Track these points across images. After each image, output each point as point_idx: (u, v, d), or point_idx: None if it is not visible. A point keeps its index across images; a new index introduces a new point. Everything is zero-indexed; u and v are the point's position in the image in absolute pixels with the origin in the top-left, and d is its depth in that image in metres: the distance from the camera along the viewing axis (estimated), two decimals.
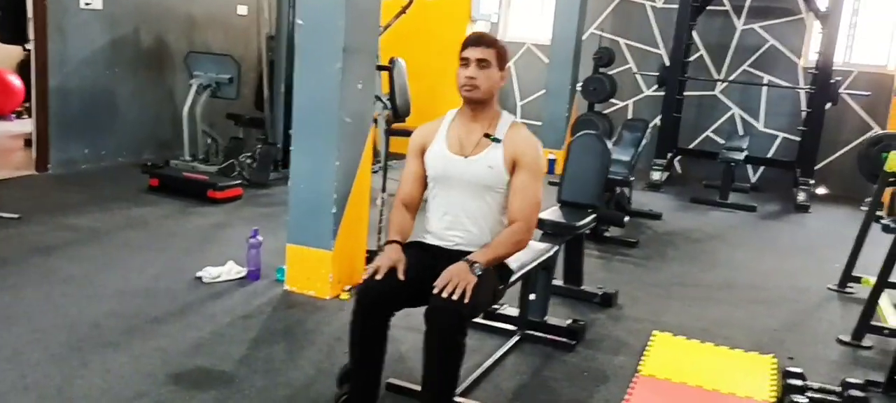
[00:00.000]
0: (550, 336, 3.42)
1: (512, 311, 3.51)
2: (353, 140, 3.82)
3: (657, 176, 7.76)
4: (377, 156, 5.63)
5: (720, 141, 8.34)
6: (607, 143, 4.27)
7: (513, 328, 3.46)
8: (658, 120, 8.21)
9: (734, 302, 4.30)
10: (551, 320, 3.51)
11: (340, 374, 2.74)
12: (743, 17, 8.42)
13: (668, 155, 8.13)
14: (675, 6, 8.01)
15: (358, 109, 3.82)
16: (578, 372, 3.17)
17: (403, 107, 5.77)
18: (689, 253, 5.37)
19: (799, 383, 3.02)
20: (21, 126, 7.97)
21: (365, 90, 3.87)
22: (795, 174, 7.76)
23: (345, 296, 3.79)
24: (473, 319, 2.84)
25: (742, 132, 8.41)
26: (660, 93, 8.27)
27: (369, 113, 4.00)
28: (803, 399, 2.87)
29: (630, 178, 5.70)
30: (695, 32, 8.26)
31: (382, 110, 5.16)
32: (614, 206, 5.65)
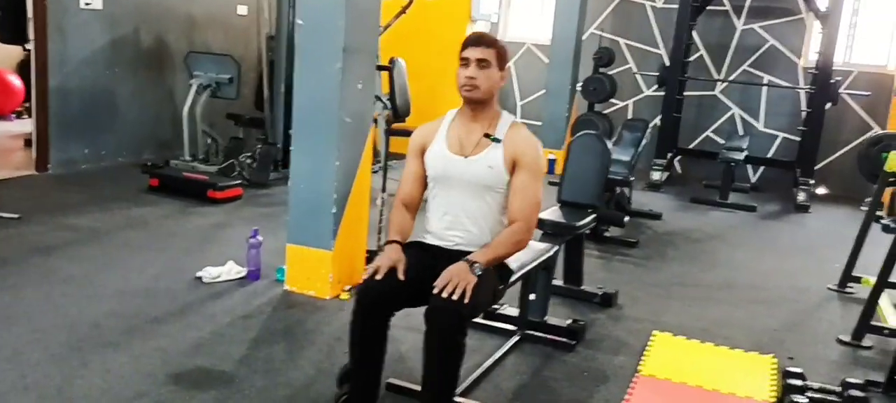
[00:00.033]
0: (550, 336, 3.42)
1: (512, 311, 3.50)
2: (353, 140, 3.82)
3: (657, 176, 7.76)
4: (377, 155, 5.63)
5: (720, 141, 8.34)
6: (607, 143, 4.26)
7: (513, 328, 3.45)
8: (658, 120, 8.21)
9: (734, 302, 4.30)
10: (551, 320, 3.51)
11: (340, 374, 2.74)
12: (743, 17, 8.42)
13: (668, 155, 8.13)
14: (675, 6, 8.01)
15: (358, 109, 3.82)
16: (578, 372, 3.17)
17: (403, 107, 5.77)
18: (689, 253, 5.37)
19: (799, 383, 3.02)
20: (21, 126, 7.97)
21: (365, 90, 3.87)
22: (795, 174, 7.76)
23: (345, 296, 3.79)
24: (473, 319, 2.84)
25: (742, 132, 8.41)
26: (660, 93, 8.27)
27: (369, 113, 4.00)
28: (803, 400, 2.87)
29: (630, 178, 5.70)
30: (695, 32, 8.26)
31: (382, 110, 5.16)
32: (614, 206, 5.65)
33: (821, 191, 8.01)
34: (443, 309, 2.27)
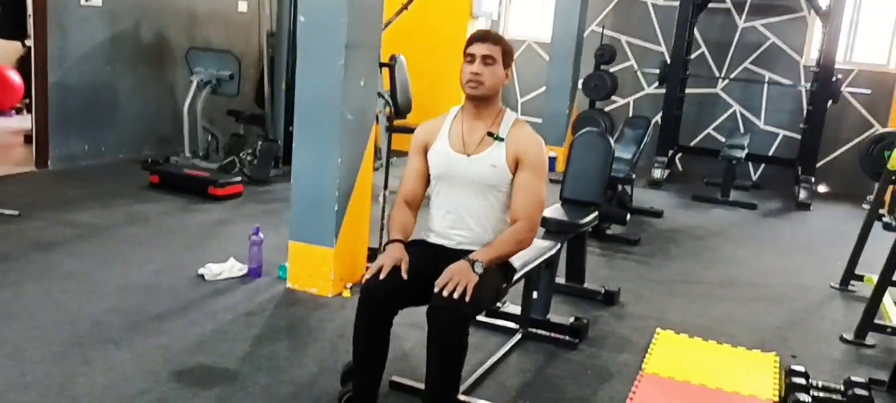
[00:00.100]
0: (553, 334, 3.41)
1: (515, 309, 3.49)
2: (355, 137, 3.81)
3: (658, 173, 7.75)
4: (378, 153, 5.61)
5: (721, 138, 8.33)
6: (610, 141, 4.25)
7: (515, 326, 3.45)
8: (659, 117, 8.19)
9: (737, 300, 4.30)
10: (554, 318, 3.50)
11: (343, 372, 2.73)
12: (744, 14, 8.40)
13: (670, 152, 8.12)
14: (676, 3, 7.99)
15: (360, 106, 3.81)
16: (582, 370, 3.17)
17: (405, 104, 5.76)
18: (691, 250, 5.36)
19: (802, 381, 3.02)
20: (20, 122, 7.95)
21: (367, 87, 3.86)
22: (796, 172, 7.75)
23: (347, 294, 3.78)
24: (476, 317, 2.83)
25: (743, 130, 8.40)
26: (661, 90, 8.26)
27: (371, 110, 3.99)
28: (807, 398, 2.86)
29: (632, 176, 5.70)
30: (696, 30, 8.24)
31: (383, 107, 5.15)
32: (616, 204, 5.64)
33: (822, 188, 8.00)
34: (444, 309, 2.26)
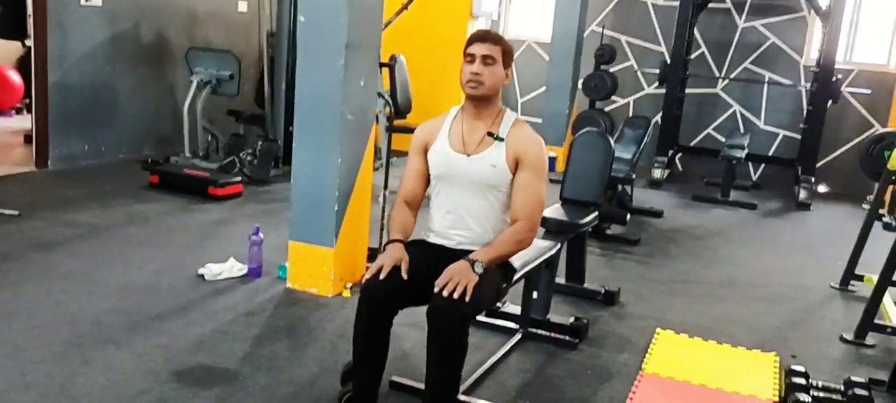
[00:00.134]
0: (553, 334, 3.41)
1: (514, 309, 3.49)
2: (355, 137, 3.81)
3: (658, 173, 7.75)
4: (377, 153, 5.61)
5: (721, 138, 8.33)
6: (610, 141, 4.25)
7: (515, 326, 3.45)
8: (659, 117, 8.19)
9: (737, 300, 4.30)
10: (554, 318, 3.50)
11: (343, 372, 2.73)
12: (744, 14, 8.40)
13: (669, 152, 8.12)
14: (676, 3, 7.99)
15: (360, 106, 3.81)
16: (582, 370, 3.16)
17: (404, 104, 5.76)
18: (691, 250, 5.36)
19: (802, 381, 3.02)
20: (20, 122, 7.95)
21: (367, 87, 3.86)
22: (796, 172, 7.75)
23: (347, 294, 3.78)
24: (476, 317, 2.83)
25: (743, 130, 8.40)
26: (661, 90, 8.26)
27: (372, 110, 3.99)
28: (807, 398, 2.86)
29: (632, 176, 5.70)
30: (696, 30, 8.24)
31: (383, 107, 5.15)
32: (616, 204, 5.64)
33: (822, 188, 8.00)
34: (444, 309, 2.26)
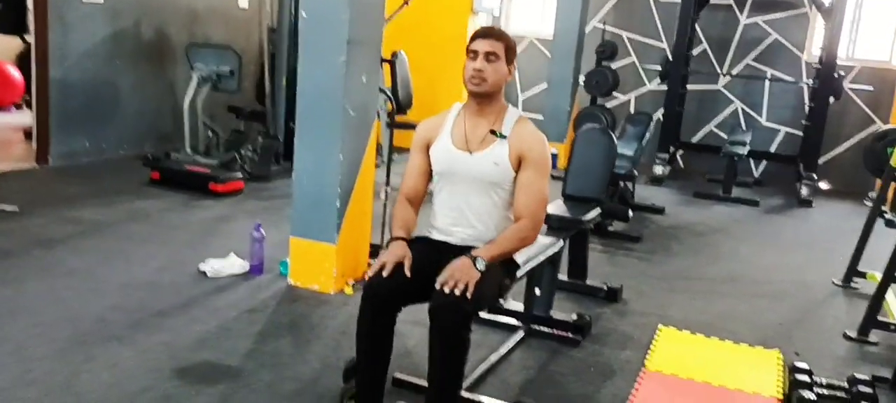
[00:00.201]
0: (556, 331, 3.41)
1: (517, 306, 3.49)
2: (357, 133, 3.80)
3: (660, 170, 7.75)
4: (378, 149, 5.59)
5: (723, 135, 8.33)
6: (613, 137, 4.24)
7: (518, 323, 3.44)
8: (660, 114, 8.18)
9: (739, 297, 4.29)
10: (557, 315, 3.50)
11: (346, 369, 2.72)
12: (746, 10, 8.39)
13: (671, 149, 8.11)
14: (678, 0, 7.98)
15: (362, 102, 3.80)
16: (585, 367, 3.16)
17: (405, 100, 5.75)
18: (692, 247, 5.35)
19: (806, 378, 3.01)
20: (20, 118, 7.93)
21: (369, 83, 3.85)
22: (798, 168, 7.74)
23: (349, 290, 3.78)
24: (478, 314, 2.82)
25: (745, 126, 8.39)
26: (662, 87, 8.25)
27: (373, 106, 3.98)
28: (811, 395, 2.85)
29: (634, 172, 5.69)
30: (698, 26, 8.22)
31: (384, 103, 5.14)
32: (618, 201, 5.62)
33: (823, 185, 8.00)
34: (445, 305, 2.25)
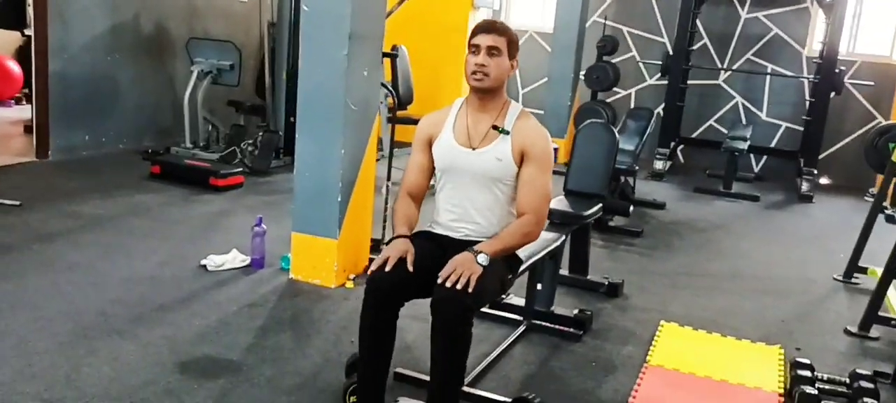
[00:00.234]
0: (558, 326, 3.41)
1: (518, 301, 3.49)
2: (358, 128, 3.79)
3: (660, 165, 7.75)
4: (379, 144, 5.58)
5: (723, 130, 8.32)
6: (615, 133, 4.23)
7: (519, 318, 3.44)
8: (661, 109, 8.18)
9: (740, 293, 4.29)
10: (558, 310, 3.50)
11: (348, 364, 2.72)
12: (747, 5, 8.38)
13: (672, 144, 8.11)
14: None
15: (363, 96, 3.79)
16: (587, 362, 3.16)
17: (406, 94, 5.74)
18: (694, 242, 5.35)
19: (807, 374, 3.01)
20: (20, 112, 7.92)
21: (371, 77, 3.84)
22: (799, 164, 7.74)
23: (350, 285, 3.78)
24: (480, 309, 2.82)
25: (745, 121, 8.39)
26: (663, 82, 8.24)
27: (375, 100, 3.97)
28: (813, 391, 2.85)
29: (635, 168, 5.68)
30: (698, 21, 8.21)
31: (385, 98, 5.13)
32: (618, 196, 5.63)
33: (824, 180, 8.00)
34: (447, 300, 2.24)
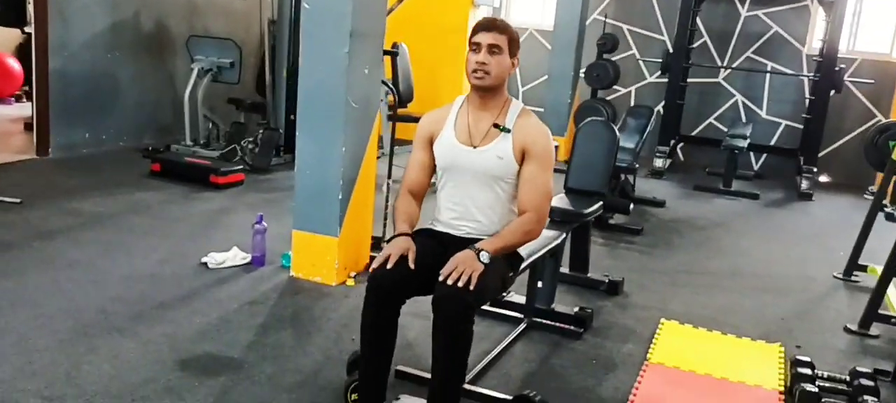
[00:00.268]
0: (558, 323, 3.41)
1: (519, 299, 3.49)
2: (359, 126, 3.79)
3: (660, 163, 7.75)
4: (379, 141, 5.58)
5: (723, 128, 8.32)
6: (615, 131, 4.24)
7: (520, 316, 3.44)
8: (661, 107, 8.18)
9: (740, 290, 4.29)
10: (559, 308, 3.50)
11: (349, 361, 2.72)
12: (747, 3, 8.38)
13: (671, 142, 8.11)
14: None
15: (364, 94, 3.79)
16: (587, 360, 3.16)
17: (406, 92, 5.74)
18: (693, 240, 5.36)
19: (808, 371, 3.02)
20: (20, 109, 7.92)
21: (371, 75, 3.84)
22: (798, 162, 7.74)
23: (351, 283, 3.78)
24: (481, 306, 2.82)
25: (745, 119, 8.39)
26: (663, 79, 8.24)
27: (376, 98, 3.97)
28: (813, 388, 2.86)
29: (635, 165, 5.69)
30: (698, 19, 8.21)
31: (385, 96, 5.13)
32: (619, 194, 5.63)
33: (824, 178, 8.00)
34: (448, 297, 2.25)
